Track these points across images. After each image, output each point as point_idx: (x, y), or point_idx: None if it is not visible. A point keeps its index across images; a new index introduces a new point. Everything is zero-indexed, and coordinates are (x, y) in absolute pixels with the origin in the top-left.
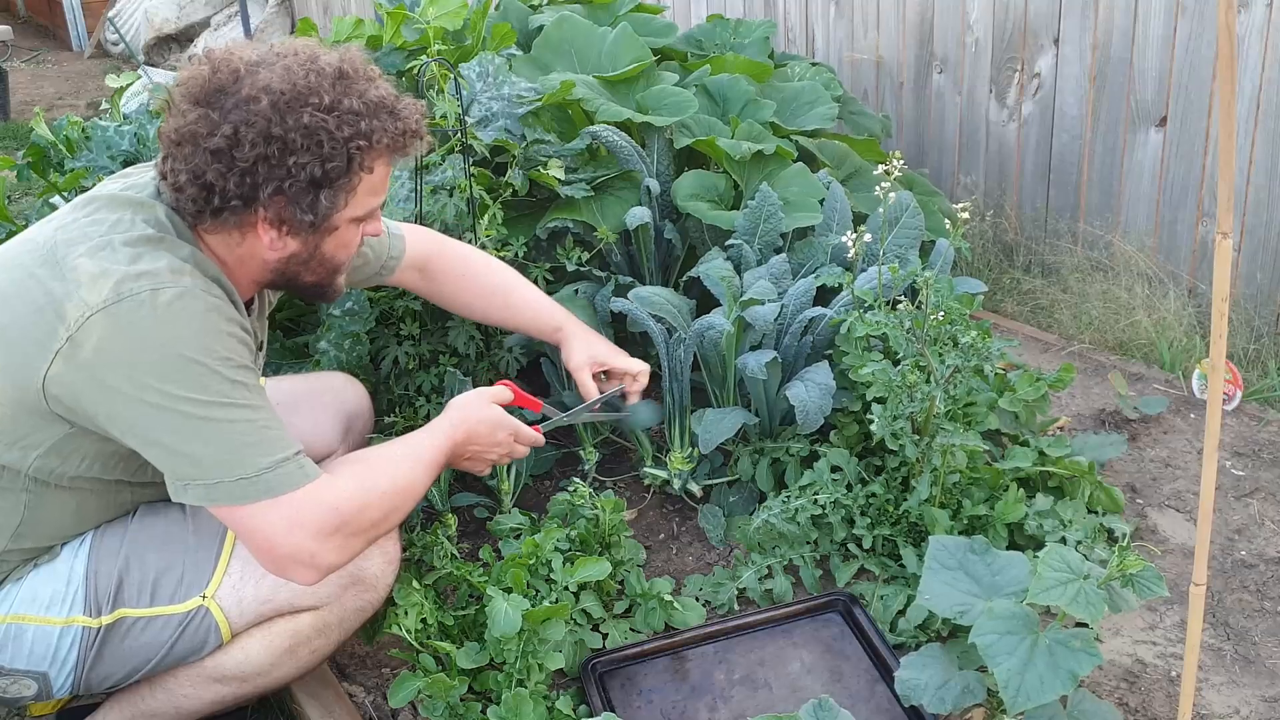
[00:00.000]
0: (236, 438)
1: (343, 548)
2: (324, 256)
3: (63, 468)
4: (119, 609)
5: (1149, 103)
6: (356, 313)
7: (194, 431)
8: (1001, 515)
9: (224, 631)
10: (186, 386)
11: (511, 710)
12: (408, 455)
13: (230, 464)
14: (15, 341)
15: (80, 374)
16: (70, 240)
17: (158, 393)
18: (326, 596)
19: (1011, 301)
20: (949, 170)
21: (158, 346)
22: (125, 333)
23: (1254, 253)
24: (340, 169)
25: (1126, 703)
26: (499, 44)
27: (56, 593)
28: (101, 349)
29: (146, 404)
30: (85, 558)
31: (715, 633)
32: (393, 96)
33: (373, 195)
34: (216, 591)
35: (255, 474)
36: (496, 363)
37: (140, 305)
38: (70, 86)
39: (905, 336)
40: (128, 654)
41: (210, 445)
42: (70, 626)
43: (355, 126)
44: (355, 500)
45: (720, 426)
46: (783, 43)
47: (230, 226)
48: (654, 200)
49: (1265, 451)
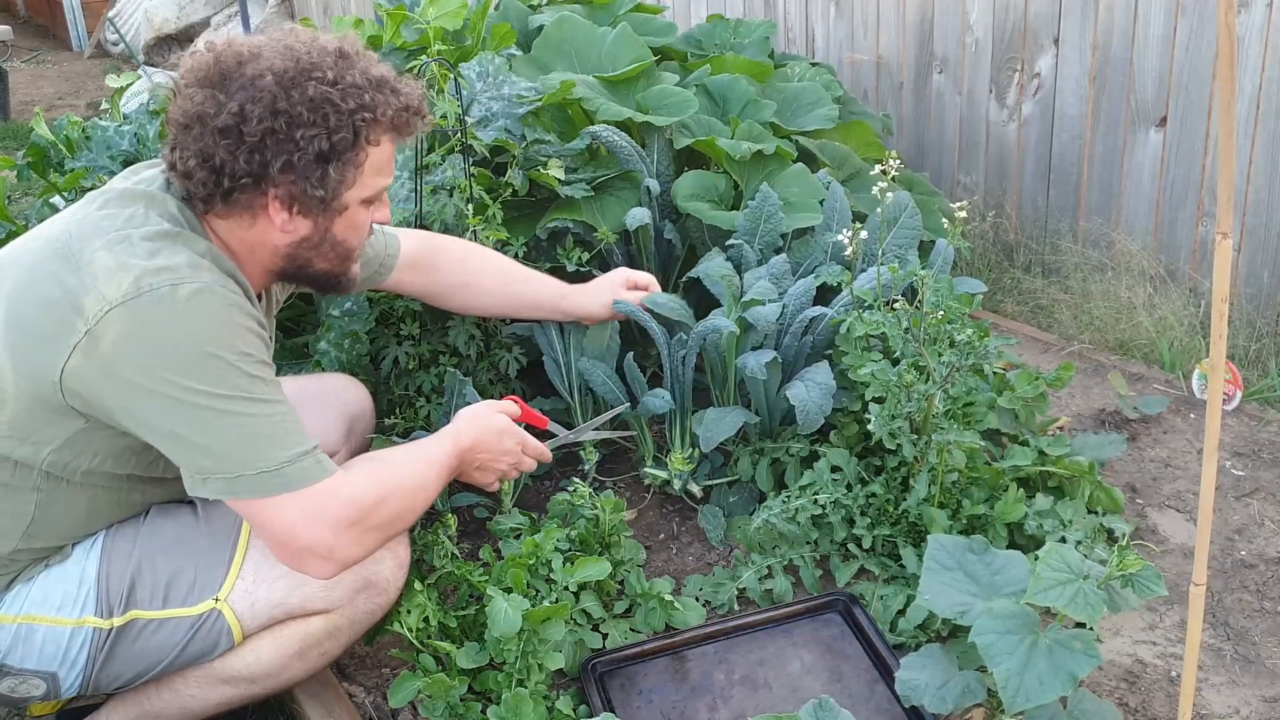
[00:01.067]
0: (256, 431)
1: (359, 542)
2: (335, 240)
3: (75, 462)
4: (131, 610)
5: (1149, 103)
6: (356, 313)
7: (213, 425)
8: (1001, 515)
9: (236, 634)
10: (206, 381)
11: (511, 710)
12: (420, 457)
13: (250, 458)
14: (30, 336)
15: (98, 368)
16: (85, 235)
17: (177, 387)
18: (339, 600)
19: (1011, 301)
20: (949, 170)
21: (177, 341)
22: (145, 327)
23: (1254, 253)
24: (347, 141)
25: (1126, 703)
26: (499, 44)
27: (68, 594)
28: (120, 343)
29: (166, 398)
30: (97, 559)
31: (715, 633)
32: (393, 75)
33: (379, 175)
34: (229, 594)
35: (275, 467)
36: (496, 363)
37: (160, 300)
38: (70, 86)
39: (903, 336)
40: (139, 655)
41: (230, 439)
42: (81, 628)
43: (359, 99)
44: (372, 496)
45: (721, 426)
46: (783, 43)
47: (241, 209)
48: (654, 200)
49: (1265, 451)
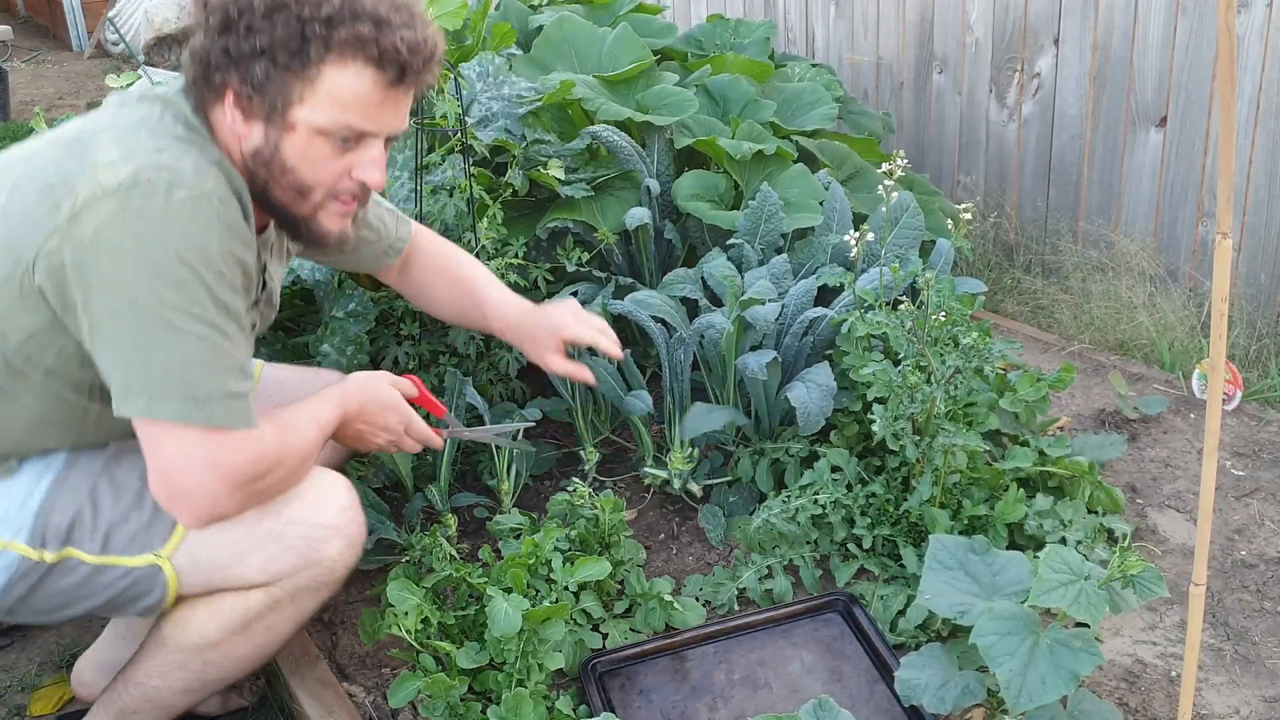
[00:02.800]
0: (199, 355)
1: (243, 503)
2: (285, 164)
3: (40, 357)
4: (68, 548)
5: (1149, 103)
6: (360, 314)
7: (161, 338)
8: (1001, 515)
9: (170, 591)
10: (170, 289)
11: (511, 710)
12: (314, 420)
13: (183, 381)
14: (21, 217)
15: (73, 252)
16: (97, 130)
17: (143, 288)
18: (279, 573)
19: (1012, 301)
20: (949, 170)
21: (158, 242)
22: (130, 220)
23: (1254, 253)
24: (291, 46)
25: (1126, 703)
26: (499, 44)
27: (7, 511)
28: (101, 232)
29: (126, 296)
30: (47, 487)
31: (715, 633)
32: (390, 9)
33: (345, 109)
34: (173, 552)
35: (204, 398)
36: (496, 363)
37: (153, 195)
38: (70, 86)
39: (906, 337)
40: (65, 595)
41: (171, 356)
42: (7, 551)
43: (318, 8)
44: (271, 459)
45: (706, 419)
46: (783, 43)
47: (215, 103)
48: (654, 200)
49: (1265, 451)
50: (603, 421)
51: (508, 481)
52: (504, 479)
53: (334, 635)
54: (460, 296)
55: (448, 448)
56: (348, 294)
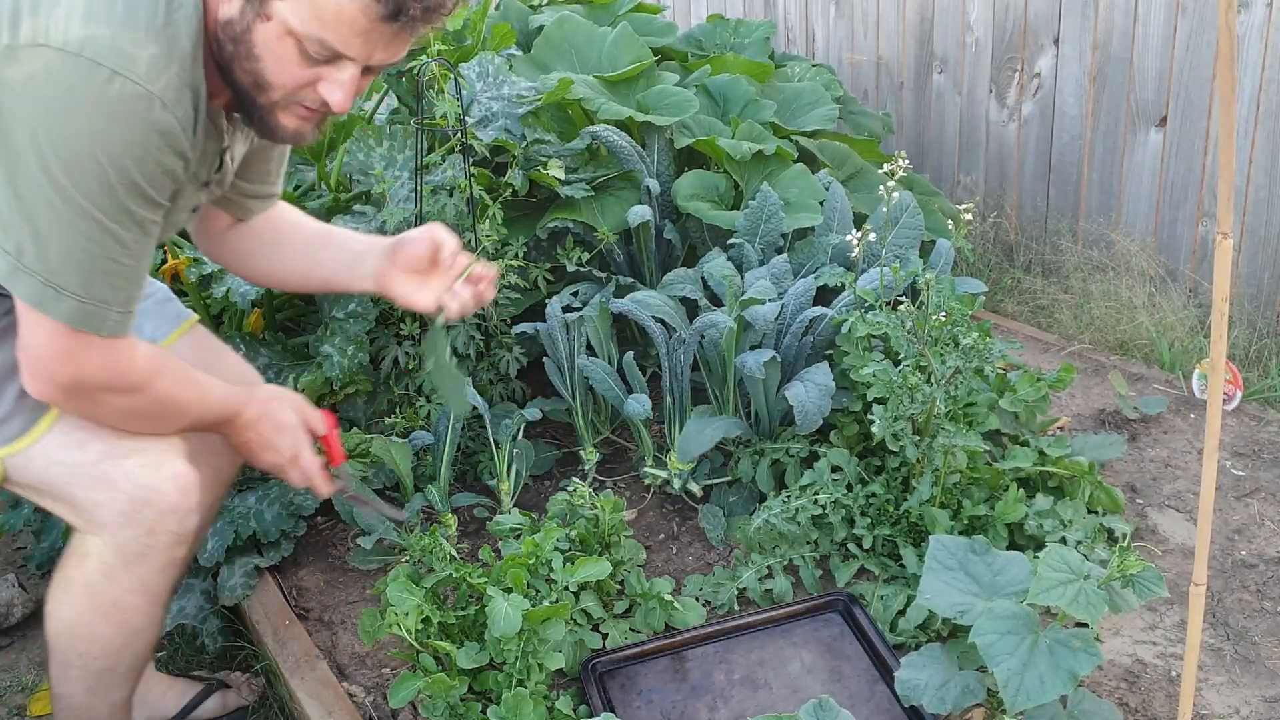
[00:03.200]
0: (91, 256)
1: (80, 411)
2: (251, 49)
3: None
4: None
5: (1149, 102)
6: (360, 314)
7: (56, 227)
8: (1001, 515)
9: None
10: (78, 181)
11: (511, 710)
12: (204, 393)
13: (69, 274)
14: None
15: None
16: None
17: (53, 169)
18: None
19: (1012, 301)
20: (949, 170)
21: (80, 131)
22: (61, 91)
23: (1254, 253)
24: None
25: (1126, 703)
26: (499, 44)
27: None
28: (32, 83)
29: (30, 167)
30: None
31: (715, 633)
32: None
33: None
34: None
35: (82, 297)
36: (496, 363)
37: (92, 79)
38: None
39: (906, 337)
40: None
41: (63, 248)
42: None
43: None
44: (130, 382)
45: (700, 438)
46: (783, 43)
47: None
48: (654, 200)
49: (1265, 451)
50: (603, 421)
51: (508, 481)
52: (504, 479)
53: (334, 635)
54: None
55: (448, 448)
56: (348, 294)
